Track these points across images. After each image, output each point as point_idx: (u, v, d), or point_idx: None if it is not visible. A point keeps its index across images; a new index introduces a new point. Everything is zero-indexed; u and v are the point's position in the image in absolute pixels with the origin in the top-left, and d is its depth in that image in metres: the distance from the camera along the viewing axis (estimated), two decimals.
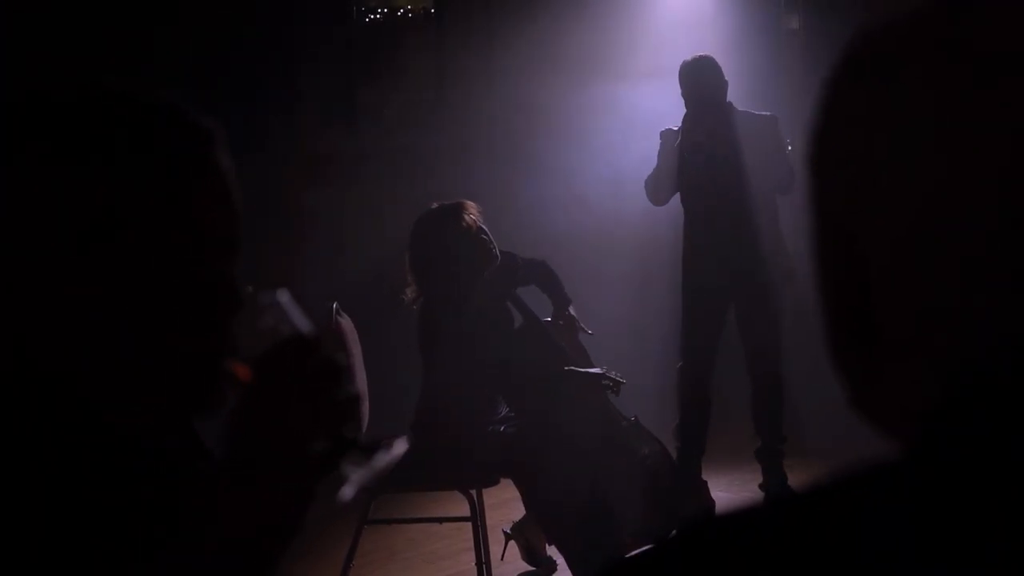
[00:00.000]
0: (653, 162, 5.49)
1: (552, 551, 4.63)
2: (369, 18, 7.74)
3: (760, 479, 5.48)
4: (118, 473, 1.14)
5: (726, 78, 5.31)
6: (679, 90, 5.43)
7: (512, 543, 4.73)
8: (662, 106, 5.78)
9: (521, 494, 4.52)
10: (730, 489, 5.60)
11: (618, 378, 4.46)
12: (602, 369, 4.48)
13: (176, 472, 1.26)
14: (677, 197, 5.47)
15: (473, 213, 4.34)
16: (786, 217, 5.43)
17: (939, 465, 0.64)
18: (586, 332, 4.69)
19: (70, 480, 1.09)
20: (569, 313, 4.70)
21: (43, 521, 1.07)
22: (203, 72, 5.38)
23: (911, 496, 0.63)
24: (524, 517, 4.66)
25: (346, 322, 4.44)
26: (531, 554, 4.71)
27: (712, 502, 5.50)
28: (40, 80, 1.21)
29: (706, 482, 5.60)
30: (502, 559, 4.66)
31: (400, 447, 1.14)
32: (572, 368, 4.44)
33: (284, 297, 1.18)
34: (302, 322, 1.17)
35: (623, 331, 5.22)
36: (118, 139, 1.16)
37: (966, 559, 0.60)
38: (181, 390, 1.20)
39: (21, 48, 5.17)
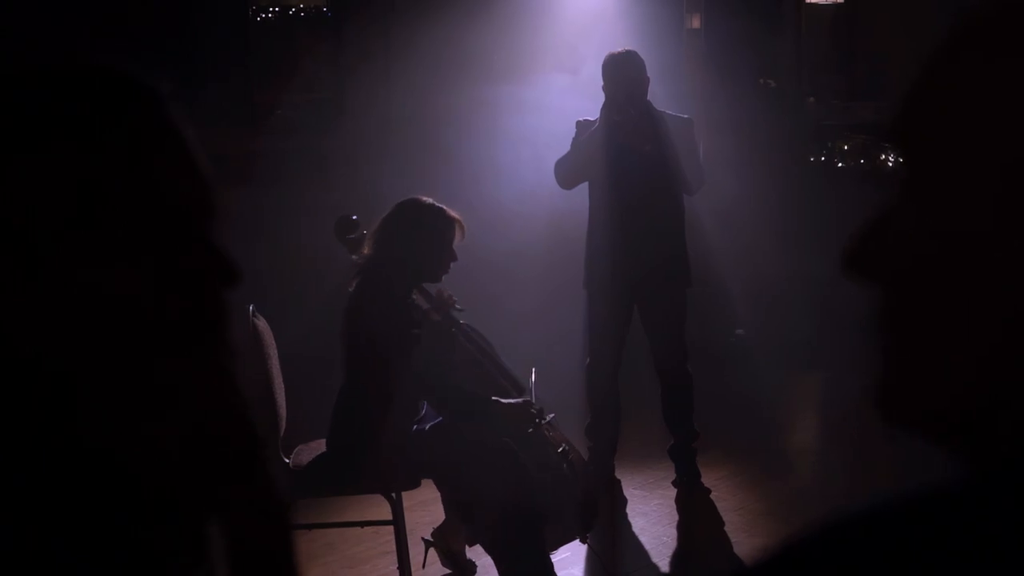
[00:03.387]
0: (560, 153, 5.43)
1: (471, 553, 4.59)
2: (261, 17, 7.62)
3: (674, 476, 5.50)
4: (116, 473, 1.10)
5: (648, 75, 5.31)
6: (584, 88, 5.44)
7: (432, 549, 4.66)
8: (566, 103, 5.79)
9: (442, 495, 4.46)
10: (643, 487, 5.62)
11: (545, 417, 4.38)
12: (527, 398, 4.39)
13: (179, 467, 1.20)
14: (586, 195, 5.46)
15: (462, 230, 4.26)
16: (698, 221, 5.47)
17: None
18: (456, 308, 4.53)
19: (68, 480, 1.06)
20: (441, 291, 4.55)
21: (43, 521, 1.03)
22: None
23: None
24: (443, 522, 4.61)
25: (262, 324, 4.36)
26: (451, 558, 4.66)
27: (624, 500, 5.52)
28: None
29: (619, 480, 5.62)
30: (423, 567, 4.59)
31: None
32: (497, 399, 4.32)
33: None
34: None
35: (537, 331, 5.20)
36: (77, 119, 1.06)
37: None
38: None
39: None
